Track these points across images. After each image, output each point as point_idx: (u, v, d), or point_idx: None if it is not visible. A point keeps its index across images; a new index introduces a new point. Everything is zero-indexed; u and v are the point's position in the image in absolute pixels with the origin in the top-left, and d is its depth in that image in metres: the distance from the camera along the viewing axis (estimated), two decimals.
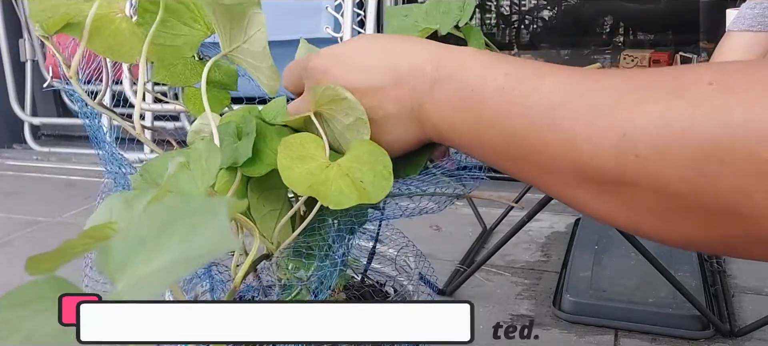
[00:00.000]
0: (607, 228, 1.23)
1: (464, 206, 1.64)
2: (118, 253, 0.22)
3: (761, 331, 1.02)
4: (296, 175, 0.42)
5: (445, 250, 1.40)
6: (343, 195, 0.42)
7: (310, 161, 0.44)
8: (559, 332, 1.05)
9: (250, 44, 0.48)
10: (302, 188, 0.42)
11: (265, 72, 0.49)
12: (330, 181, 0.43)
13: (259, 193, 0.49)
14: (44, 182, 2.19)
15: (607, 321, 1.06)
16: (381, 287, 0.65)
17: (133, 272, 0.21)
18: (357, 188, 0.43)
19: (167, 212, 0.22)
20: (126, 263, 0.21)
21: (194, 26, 0.51)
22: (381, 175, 0.44)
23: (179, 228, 0.21)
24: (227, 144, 0.46)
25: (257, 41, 0.48)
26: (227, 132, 0.47)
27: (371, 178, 0.43)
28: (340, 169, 0.44)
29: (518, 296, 1.18)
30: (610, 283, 1.16)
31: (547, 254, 1.39)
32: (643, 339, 1.02)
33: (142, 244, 0.21)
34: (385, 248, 0.66)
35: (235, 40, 0.48)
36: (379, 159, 0.44)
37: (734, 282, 1.21)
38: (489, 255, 1.13)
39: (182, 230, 0.21)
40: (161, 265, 0.20)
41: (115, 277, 0.21)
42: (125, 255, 0.22)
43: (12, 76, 2.57)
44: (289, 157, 0.43)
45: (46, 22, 0.45)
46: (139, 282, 0.20)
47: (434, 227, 1.56)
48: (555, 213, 1.63)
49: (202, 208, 0.21)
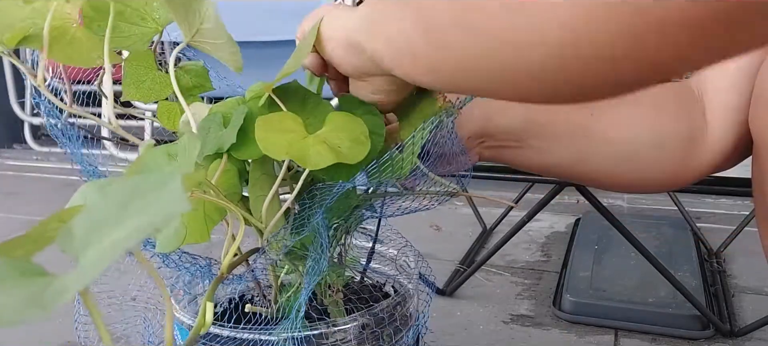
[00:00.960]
0: (607, 228, 1.23)
1: (464, 206, 1.64)
2: (81, 232, 0.22)
3: (761, 331, 1.02)
4: (273, 143, 0.46)
5: (445, 250, 1.40)
6: (320, 156, 0.45)
7: (288, 134, 0.47)
8: (559, 332, 1.05)
9: (206, 23, 0.50)
10: (280, 153, 0.45)
11: (225, 48, 0.51)
12: (308, 147, 0.46)
13: (255, 180, 0.52)
14: (44, 182, 2.19)
15: (607, 321, 1.06)
16: (381, 287, 0.65)
17: (95, 248, 0.21)
18: (334, 151, 0.46)
19: (129, 190, 0.22)
20: (89, 241, 0.22)
21: (143, 25, 0.53)
22: (358, 140, 0.47)
23: (138, 202, 0.22)
24: (213, 132, 0.49)
25: (211, 17, 0.49)
26: (214, 121, 0.50)
27: (348, 143, 0.47)
28: (317, 138, 0.47)
29: (518, 296, 1.18)
30: (610, 283, 1.16)
31: (547, 254, 1.39)
32: (643, 339, 1.02)
33: (105, 221, 0.22)
34: (385, 248, 0.66)
35: (192, 25, 0.50)
36: (356, 127, 0.48)
37: (734, 282, 1.21)
38: (489, 255, 1.13)
39: (141, 204, 0.22)
40: (119, 236, 0.21)
41: (79, 255, 0.22)
42: (88, 234, 0.22)
43: (12, 76, 2.57)
44: (267, 130, 0.46)
45: (4, 38, 0.48)
46: (97, 254, 0.21)
47: (434, 227, 1.56)
48: (555, 213, 1.63)
49: (158, 180, 0.22)
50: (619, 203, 1.70)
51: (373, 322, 0.54)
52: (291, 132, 0.47)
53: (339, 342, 0.53)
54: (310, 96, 0.52)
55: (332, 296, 0.57)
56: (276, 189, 0.50)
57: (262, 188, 0.51)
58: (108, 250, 0.21)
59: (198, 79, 0.58)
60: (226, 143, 0.48)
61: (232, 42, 0.51)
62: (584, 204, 1.21)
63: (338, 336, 0.53)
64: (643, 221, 1.47)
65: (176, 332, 0.57)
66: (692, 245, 1.32)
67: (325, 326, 0.52)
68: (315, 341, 0.52)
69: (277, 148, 0.46)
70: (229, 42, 0.51)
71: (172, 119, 0.57)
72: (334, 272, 0.57)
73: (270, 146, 0.46)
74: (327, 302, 0.57)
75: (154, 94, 0.56)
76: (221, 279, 0.45)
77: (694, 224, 1.46)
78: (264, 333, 0.51)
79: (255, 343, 0.51)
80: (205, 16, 0.49)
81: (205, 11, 0.49)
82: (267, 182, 0.51)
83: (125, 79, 0.55)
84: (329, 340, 0.52)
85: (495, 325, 1.08)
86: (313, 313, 0.56)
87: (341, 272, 0.59)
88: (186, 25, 0.49)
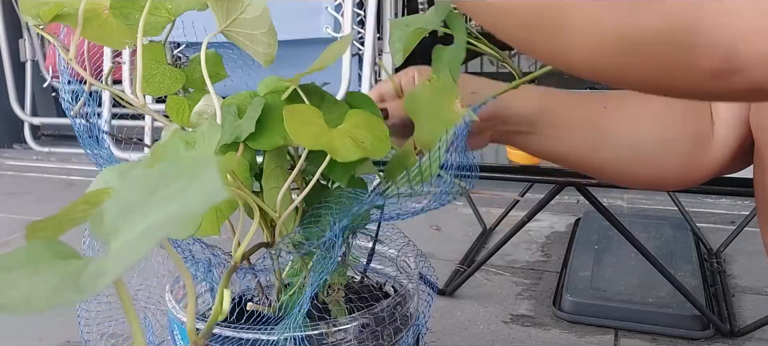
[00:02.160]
0: (607, 228, 1.23)
1: (464, 206, 1.64)
2: (111, 216, 0.22)
3: (761, 331, 1.02)
4: (304, 134, 0.47)
5: (445, 250, 1.40)
6: (348, 149, 0.47)
7: (313, 126, 0.48)
8: (559, 332, 1.05)
9: (247, 12, 0.50)
10: (309, 143, 0.47)
11: (261, 40, 0.51)
12: (334, 139, 0.47)
13: (269, 172, 0.53)
14: (44, 182, 2.19)
15: (607, 321, 1.06)
16: (381, 287, 0.65)
17: (126, 233, 0.21)
18: (359, 146, 0.47)
19: (155, 177, 0.22)
20: (119, 226, 0.22)
21: (156, 13, 0.54)
22: (379, 137, 0.49)
23: (170, 188, 0.21)
24: (229, 122, 0.50)
25: (256, 5, 0.49)
26: (229, 112, 0.51)
27: (371, 139, 0.49)
28: (341, 132, 0.49)
29: (518, 296, 1.18)
30: (610, 283, 1.16)
31: (547, 254, 1.39)
32: (643, 339, 1.02)
33: (134, 206, 0.22)
34: (385, 248, 0.66)
35: (231, 12, 0.50)
36: (376, 125, 0.50)
37: (734, 282, 1.21)
38: (489, 255, 1.13)
39: (173, 189, 0.21)
40: (153, 222, 0.21)
41: (109, 240, 0.22)
42: (118, 218, 0.22)
43: (12, 76, 2.57)
44: (296, 121, 0.48)
45: (40, 11, 0.49)
46: (131, 241, 0.21)
47: (434, 227, 1.56)
48: (555, 213, 1.63)
49: (192, 166, 0.22)
50: (619, 203, 1.70)
51: (373, 322, 0.54)
52: (315, 125, 0.48)
53: (339, 342, 0.53)
54: (328, 96, 0.53)
55: (333, 295, 0.57)
56: (291, 181, 0.51)
57: (277, 180, 0.52)
58: (142, 237, 0.20)
59: (212, 68, 0.58)
60: (245, 132, 0.48)
61: (273, 33, 0.51)
62: (584, 204, 1.21)
63: (339, 336, 0.53)
64: (643, 221, 1.47)
65: (176, 333, 0.57)
66: (692, 245, 1.32)
67: (326, 326, 0.52)
68: (315, 341, 0.52)
69: (306, 138, 0.47)
70: (270, 33, 0.50)
71: (182, 114, 0.57)
72: (335, 271, 0.57)
73: (300, 135, 0.47)
74: (328, 301, 0.57)
75: (165, 88, 0.56)
76: (234, 269, 0.45)
77: (694, 224, 1.46)
78: (265, 333, 0.51)
79: (255, 342, 0.51)
80: (249, 5, 0.49)
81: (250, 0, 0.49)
82: (281, 174, 0.52)
83: None
84: (329, 339, 0.52)
85: (495, 325, 1.08)
86: (314, 311, 0.56)
87: (343, 271, 0.59)
88: (223, 12, 0.49)
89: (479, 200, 1.57)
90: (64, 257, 0.23)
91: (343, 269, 0.59)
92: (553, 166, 0.98)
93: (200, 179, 0.21)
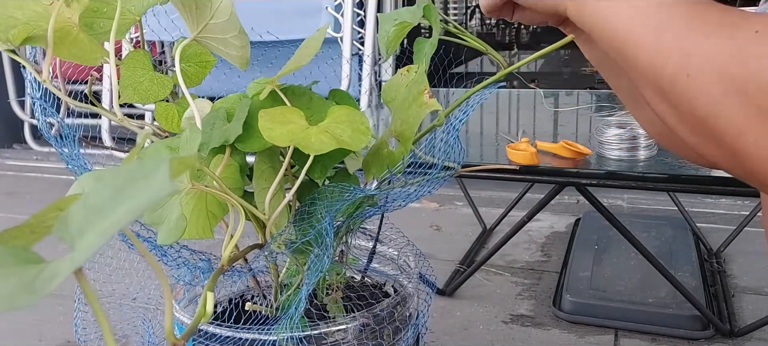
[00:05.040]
0: (607, 228, 1.23)
1: (464, 206, 1.64)
2: (77, 219, 0.23)
3: (761, 331, 1.02)
4: (277, 133, 0.47)
5: (445, 250, 1.40)
6: (322, 143, 0.47)
7: (290, 125, 0.49)
8: (559, 332, 1.05)
9: (216, 17, 0.50)
10: (283, 141, 0.47)
11: (233, 43, 0.51)
12: (310, 136, 0.48)
13: (260, 172, 0.53)
14: (44, 182, 2.19)
15: (607, 321, 1.06)
16: (381, 287, 0.65)
17: (89, 234, 0.22)
18: (336, 139, 0.48)
19: (123, 177, 0.23)
20: (84, 228, 0.22)
21: (124, 17, 0.54)
22: (359, 130, 0.49)
23: (131, 188, 0.23)
24: (218, 127, 0.50)
25: (224, 10, 0.50)
26: (218, 116, 0.51)
27: (349, 133, 0.49)
28: (319, 129, 0.49)
29: (518, 296, 1.18)
30: (610, 283, 1.16)
31: (547, 254, 1.39)
32: (643, 339, 1.02)
33: (100, 208, 0.22)
34: (385, 248, 0.66)
35: (201, 19, 0.50)
36: (357, 119, 0.50)
37: (734, 282, 1.21)
38: (489, 255, 1.13)
39: (133, 189, 0.22)
40: (112, 220, 0.21)
41: (75, 243, 0.22)
42: (84, 221, 0.22)
43: (12, 76, 2.57)
44: (271, 122, 0.48)
45: (9, 35, 0.49)
46: (90, 238, 0.21)
47: (434, 227, 1.56)
48: (555, 213, 1.63)
49: (151, 166, 0.23)
50: (619, 202, 1.70)
51: (373, 321, 0.54)
52: (293, 123, 0.49)
53: (339, 341, 0.53)
54: (316, 98, 0.53)
55: (332, 294, 0.57)
56: (279, 179, 0.51)
57: (267, 180, 0.52)
58: (99, 233, 0.21)
59: (199, 62, 0.58)
60: (232, 135, 0.49)
61: (243, 35, 0.51)
62: (584, 204, 1.21)
63: (338, 335, 0.53)
64: (643, 221, 1.47)
65: (176, 333, 0.57)
66: (692, 245, 1.32)
67: (325, 325, 0.52)
68: (315, 341, 0.52)
69: (281, 138, 0.47)
70: (240, 35, 0.51)
71: (171, 120, 0.57)
72: (334, 271, 0.57)
73: (273, 135, 0.47)
74: (326, 300, 0.57)
75: (152, 95, 0.56)
76: (221, 271, 0.46)
77: (694, 224, 1.46)
78: (264, 333, 0.51)
79: (255, 342, 0.51)
80: (217, 10, 0.49)
81: (217, 5, 0.49)
82: (272, 174, 0.52)
83: (123, 80, 0.55)
84: (329, 339, 0.52)
85: (495, 325, 1.08)
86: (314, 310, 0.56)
87: (342, 271, 0.59)
88: (193, 20, 0.49)
89: (479, 200, 1.57)
90: (28, 262, 0.23)
91: (340, 267, 0.59)
92: (554, 166, 0.99)
93: (152, 177, 0.22)
